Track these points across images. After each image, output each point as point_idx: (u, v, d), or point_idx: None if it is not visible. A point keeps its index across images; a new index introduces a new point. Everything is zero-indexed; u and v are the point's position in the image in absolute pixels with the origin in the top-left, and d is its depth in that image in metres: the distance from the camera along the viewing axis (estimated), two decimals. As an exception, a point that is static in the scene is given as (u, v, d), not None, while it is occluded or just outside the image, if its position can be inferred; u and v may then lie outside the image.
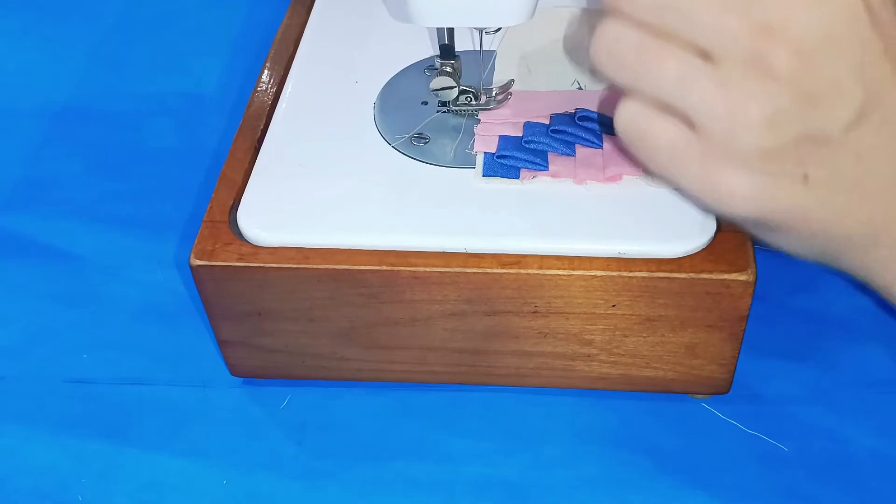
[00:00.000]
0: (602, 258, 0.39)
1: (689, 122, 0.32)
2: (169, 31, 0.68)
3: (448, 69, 0.45)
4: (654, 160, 0.33)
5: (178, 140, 0.60)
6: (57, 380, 0.47)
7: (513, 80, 0.46)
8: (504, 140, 0.43)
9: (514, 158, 0.42)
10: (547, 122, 0.44)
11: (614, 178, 0.42)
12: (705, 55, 0.31)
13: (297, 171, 0.44)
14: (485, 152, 0.43)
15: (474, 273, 0.39)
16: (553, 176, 0.42)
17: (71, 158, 0.60)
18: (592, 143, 0.43)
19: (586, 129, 0.43)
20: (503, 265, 0.39)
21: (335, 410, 0.45)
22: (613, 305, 0.40)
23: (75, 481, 0.43)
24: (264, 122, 0.47)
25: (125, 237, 0.54)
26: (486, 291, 0.40)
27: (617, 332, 0.41)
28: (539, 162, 0.42)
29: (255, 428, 0.45)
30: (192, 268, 0.41)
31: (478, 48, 0.45)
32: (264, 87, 0.49)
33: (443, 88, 0.45)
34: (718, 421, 0.44)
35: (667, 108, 0.32)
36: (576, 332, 0.41)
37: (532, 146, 0.43)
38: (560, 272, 0.39)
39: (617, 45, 0.32)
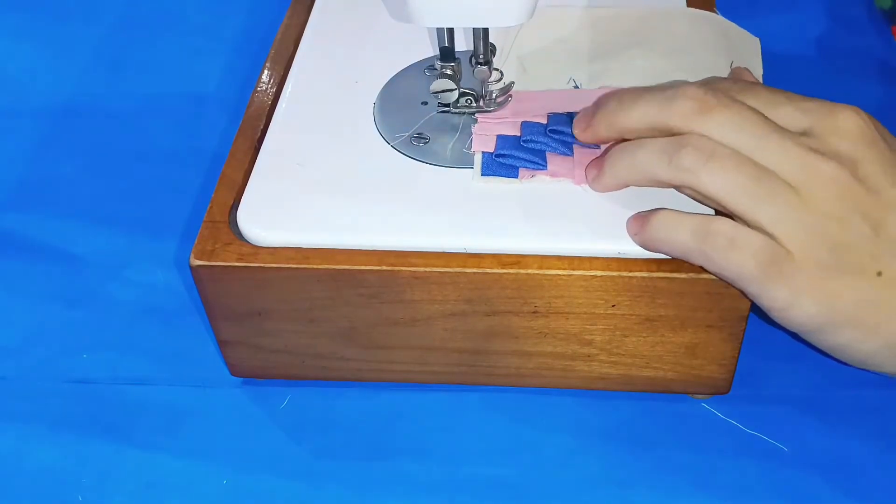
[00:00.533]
0: (602, 258, 0.39)
1: (772, 236, 0.36)
2: (169, 31, 0.68)
3: (448, 71, 0.45)
4: (751, 271, 0.36)
5: (178, 140, 0.60)
6: (57, 380, 0.47)
7: (513, 83, 0.46)
8: (502, 139, 0.43)
9: (512, 157, 0.42)
10: (544, 121, 0.44)
11: None
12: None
13: (297, 171, 0.44)
14: (483, 152, 0.43)
15: (474, 273, 0.39)
16: (551, 175, 0.42)
17: (71, 158, 0.60)
18: (590, 144, 0.43)
19: None
20: (503, 265, 0.39)
21: (335, 410, 0.45)
22: (613, 305, 0.40)
23: (75, 481, 0.43)
24: (264, 122, 0.47)
25: (125, 237, 0.54)
26: (486, 291, 0.40)
27: (617, 332, 0.41)
28: (538, 161, 0.42)
29: (255, 428, 0.45)
30: (191, 268, 0.41)
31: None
32: (264, 87, 0.49)
33: (443, 91, 0.45)
34: (718, 421, 0.44)
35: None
36: (576, 332, 0.41)
37: (530, 145, 0.43)
38: (560, 272, 0.39)
39: (720, 161, 0.37)
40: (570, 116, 0.43)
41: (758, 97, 0.38)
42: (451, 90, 0.45)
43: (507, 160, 0.43)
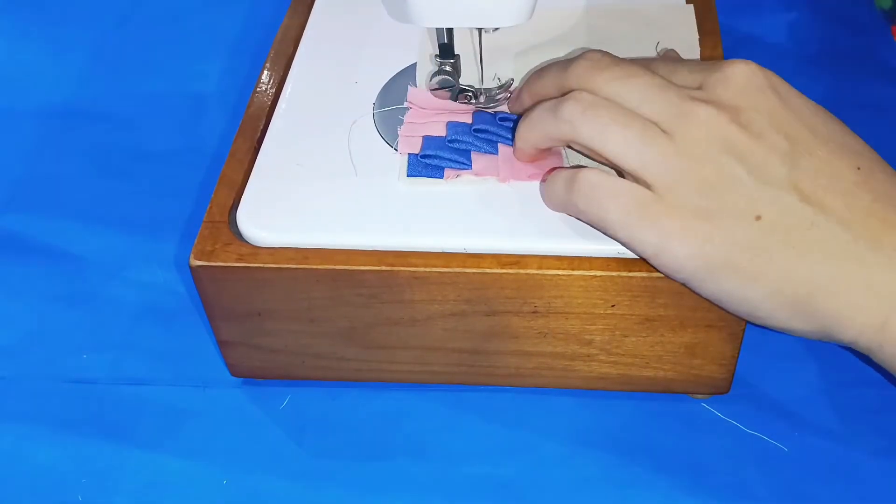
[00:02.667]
0: (602, 258, 0.39)
1: (645, 183, 0.37)
2: (169, 32, 0.68)
3: (447, 68, 0.45)
4: (619, 219, 0.37)
5: (178, 140, 0.60)
6: (57, 380, 0.47)
7: (512, 80, 0.46)
8: (427, 140, 0.44)
9: (437, 158, 0.43)
10: (469, 120, 0.44)
11: (535, 177, 0.42)
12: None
13: (297, 171, 0.44)
14: (409, 153, 0.43)
15: (474, 273, 0.39)
16: (476, 174, 0.42)
17: (71, 158, 0.60)
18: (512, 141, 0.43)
19: (507, 128, 0.43)
20: (503, 265, 0.39)
21: (335, 410, 0.45)
22: (613, 305, 0.40)
23: (75, 481, 0.43)
24: (264, 122, 0.47)
25: (125, 237, 0.54)
26: (486, 291, 0.40)
27: (616, 332, 0.41)
28: (463, 161, 0.42)
29: (255, 428, 0.45)
30: (191, 268, 0.41)
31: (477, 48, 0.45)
32: (264, 87, 0.49)
33: (441, 88, 0.45)
34: (718, 421, 0.44)
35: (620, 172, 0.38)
36: (575, 332, 0.41)
37: (455, 145, 0.43)
38: (560, 272, 0.39)
39: (590, 108, 0.38)
40: (496, 115, 0.44)
41: (661, 65, 0.40)
42: (450, 87, 0.45)
43: (432, 160, 0.43)
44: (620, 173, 0.38)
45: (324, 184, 0.43)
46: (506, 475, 0.42)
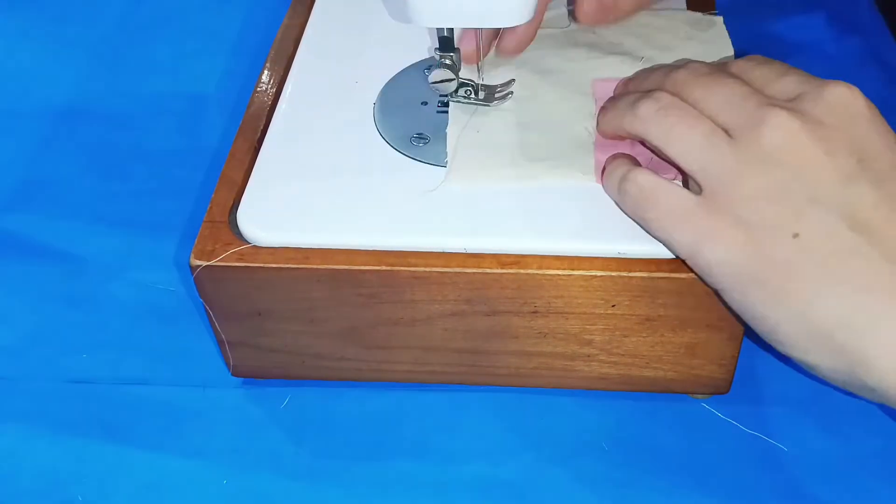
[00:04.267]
0: (602, 258, 0.39)
1: (696, 187, 0.36)
2: (169, 32, 0.68)
3: (447, 62, 0.45)
4: (659, 220, 0.37)
5: (178, 140, 0.60)
6: (57, 380, 0.47)
7: (513, 80, 0.46)
8: None
9: None
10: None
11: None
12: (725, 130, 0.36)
13: (297, 171, 0.44)
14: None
15: (474, 273, 0.39)
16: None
17: (71, 158, 0.60)
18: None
19: None
20: (503, 265, 0.39)
21: (335, 410, 0.45)
22: (613, 305, 0.40)
23: (75, 481, 0.43)
24: (264, 122, 0.47)
25: (125, 237, 0.54)
26: (486, 291, 0.40)
27: (617, 332, 0.41)
28: None
29: (255, 428, 0.45)
30: (191, 268, 0.41)
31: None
32: (264, 87, 0.49)
33: (441, 81, 0.45)
34: (718, 421, 0.44)
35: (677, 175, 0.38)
36: (575, 332, 0.41)
37: None
38: (560, 272, 0.39)
39: (662, 108, 0.38)
40: None
41: (765, 71, 0.38)
42: (450, 80, 0.45)
43: None
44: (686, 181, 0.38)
45: (324, 183, 0.43)
46: (506, 475, 0.42)
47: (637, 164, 0.40)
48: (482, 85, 0.46)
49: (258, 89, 0.49)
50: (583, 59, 0.47)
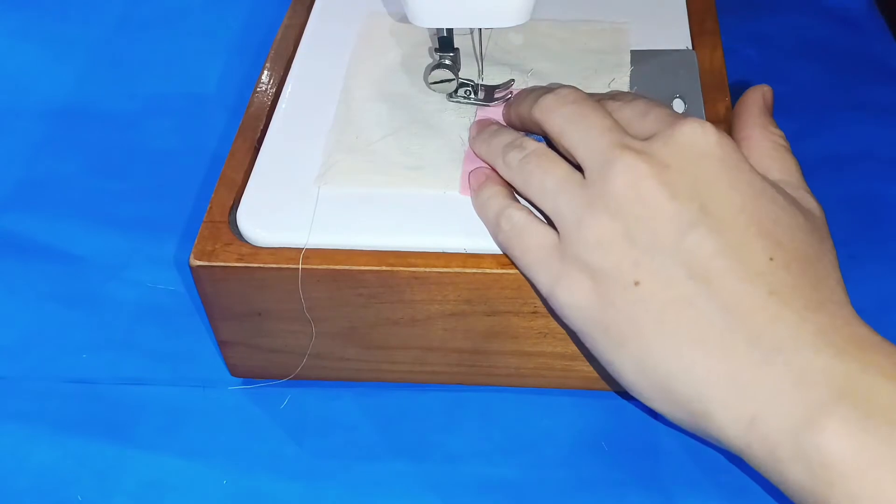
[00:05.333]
0: (602, 258, 0.39)
1: (555, 228, 0.37)
2: (169, 31, 0.68)
3: (447, 62, 0.45)
4: (523, 258, 0.38)
5: (178, 140, 0.60)
6: (57, 380, 0.47)
7: (513, 80, 0.46)
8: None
9: None
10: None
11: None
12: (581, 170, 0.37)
13: (297, 171, 0.44)
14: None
15: (474, 273, 0.39)
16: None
17: (71, 158, 0.60)
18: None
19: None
20: (503, 265, 0.39)
21: (335, 410, 0.45)
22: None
23: (75, 481, 0.43)
24: (264, 122, 0.47)
25: (125, 237, 0.54)
26: (486, 291, 0.40)
27: (617, 332, 0.41)
28: None
29: (255, 428, 0.45)
30: (191, 268, 0.41)
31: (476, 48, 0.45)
32: (264, 87, 0.49)
33: (441, 81, 0.45)
34: (718, 421, 0.44)
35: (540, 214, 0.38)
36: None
37: None
38: (560, 272, 0.39)
39: (525, 157, 0.39)
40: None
41: (628, 107, 0.38)
42: (450, 80, 0.45)
43: None
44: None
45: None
46: (506, 475, 0.42)
47: (509, 191, 0.40)
48: (482, 85, 0.46)
49: (258, 89, 0.49)
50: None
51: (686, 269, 0.33)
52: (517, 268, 0.39)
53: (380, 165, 0.43)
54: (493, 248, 0.40)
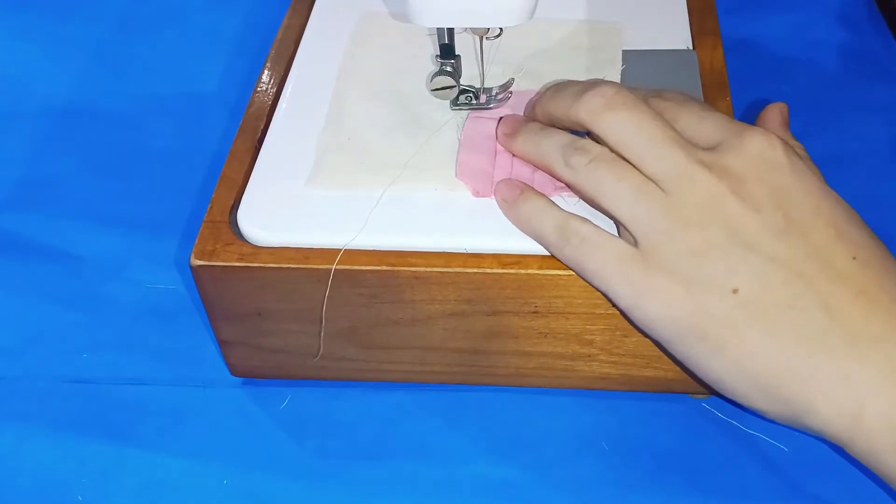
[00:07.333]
0: (602, 258, 0.39)
1: (633, 239, 0.37)
2: (169, 32, 0.68)
3: (448, 68, 0.45)
4: (600, 271, 0.37)
5: (178, 140, 0.60)
6: (57, 380, 0.47)
7: (513, 80, 0.46)
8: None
9: None
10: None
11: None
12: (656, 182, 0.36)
13: (297, 171, 0.44)
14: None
15: (474, 273, 0.39)
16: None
17: (71, 158, 0.60)
18: None
19: None
20: (503, 265, 0.39)
21: (335, 410, 0.45)
22: (614, 305, 0.40)
23: (75, 481, 0.43)
24: (264, 122, 0.47)
25: (125, 237, 0.54)
26: (487, 291, 0.40)
27: (617, 332, 0.41)
28: None
29: (255, 428, 0.45)
30: (192, 268, 0.41)
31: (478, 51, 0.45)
32: (264, 87, 0.49)
33: (442, 88, 0.45)
34: (718, 421, 0.44)
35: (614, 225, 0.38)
36: (576, 333, 0.41)
37: None
38: (560, 272, 0.39)
39: (597, 163, 0.38)
40: None
41: (684, 113, 0.39)
42: (451, 87, 0.45)
43: None
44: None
45: (324, 184, 0.43)
46: (506, 475, 0.42)
47: (555, 205, 0.40)
48: (483, 89, 0.46)
49: (258, 89, 0.49)
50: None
51: (782, 274, 0.35)
52: (587, 281, 0.38)
53: (370, 165, 0.43)
54: (494, 248, 0.40)
